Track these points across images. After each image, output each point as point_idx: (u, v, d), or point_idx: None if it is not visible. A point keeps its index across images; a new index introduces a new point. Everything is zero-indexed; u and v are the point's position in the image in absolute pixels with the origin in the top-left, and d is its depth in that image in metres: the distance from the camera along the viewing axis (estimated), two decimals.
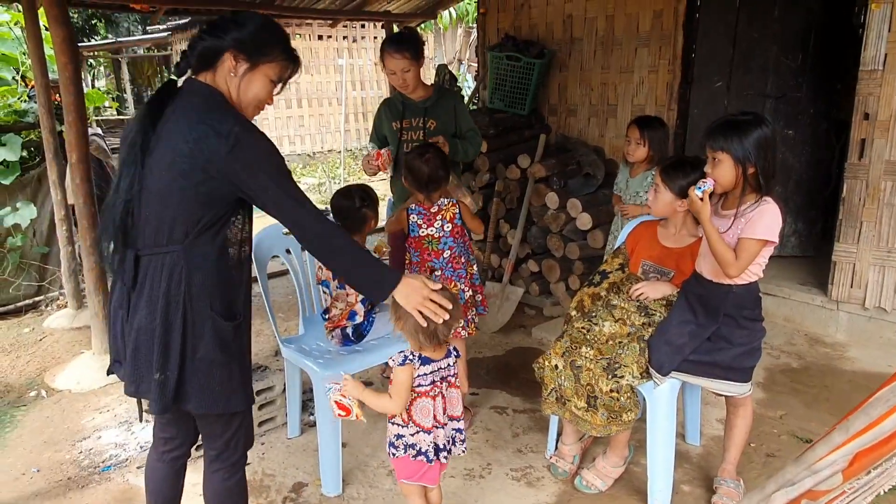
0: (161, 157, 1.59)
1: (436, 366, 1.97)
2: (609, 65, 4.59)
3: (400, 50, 2.90)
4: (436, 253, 2.75)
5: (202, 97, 1.64)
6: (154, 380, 1.59)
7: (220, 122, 1.57)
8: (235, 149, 1.55)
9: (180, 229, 1.59)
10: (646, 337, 2.38)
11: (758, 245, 2.11)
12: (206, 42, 1.66)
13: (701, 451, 2.78)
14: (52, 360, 3.85)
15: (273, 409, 2.99)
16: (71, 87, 3.40)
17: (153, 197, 1.60)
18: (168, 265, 1.60)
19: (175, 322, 1.59)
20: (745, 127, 2.09)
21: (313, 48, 10.76)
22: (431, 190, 2.68)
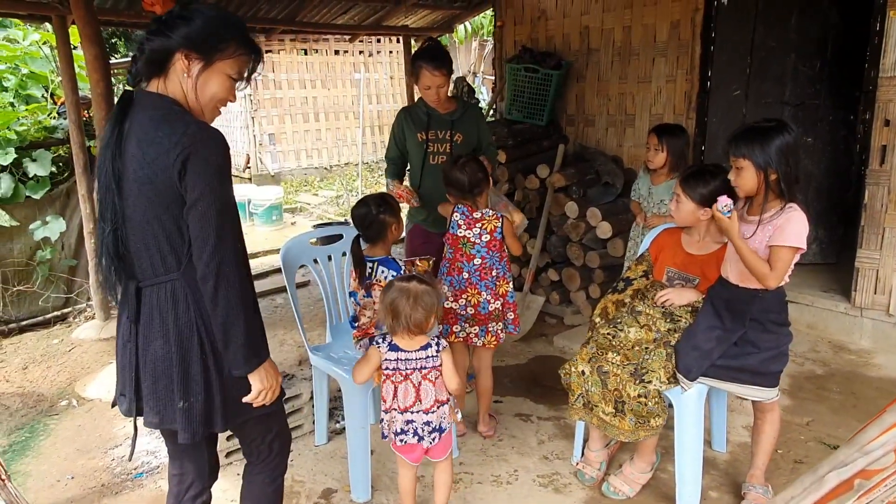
0: (130, 185, 1.50)
1: (404, 355, 2.16)
2: (626, 75, 4.63)
3: (439, 67, 2.97)
4: (468, 256, 2.79)
5: (154, 111, 1.51)
6: (179, 409, 1.55)
7: (170, 136, 1.46)
8: (188, 160, 1.45)
9: (172, 257, 1.53)
10: (672, 343, 2.40)
11: (791, 252, 2.13)
12: (153, 43, 1.52)
13: (728, 458, 2.78)
14: (81, 371, 3.92)
15: (300, 416, 3.03)
16: (103, 102, 3.50)
17: (136, 227, 1.52)
18: (171, 293, 1.55)
19: (192, 348, 1.55)
20: (767, 133, 2.12)
21: (330, 63, 10.91)
22: (476, 195, 2.74)
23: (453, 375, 2.21)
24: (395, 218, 2.63)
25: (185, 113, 1.55)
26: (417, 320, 2.11)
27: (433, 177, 3.08)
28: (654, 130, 3.20)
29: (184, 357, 1.55)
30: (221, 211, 1.49)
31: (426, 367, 2.18)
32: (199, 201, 1.46)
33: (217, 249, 1.47)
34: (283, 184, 10.22)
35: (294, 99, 10.60)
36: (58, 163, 4.80)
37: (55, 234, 4.62)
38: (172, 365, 1.55)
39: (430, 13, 6.05)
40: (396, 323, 2.12)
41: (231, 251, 1.50)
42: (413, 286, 2.14)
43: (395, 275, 2.57)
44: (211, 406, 1.58)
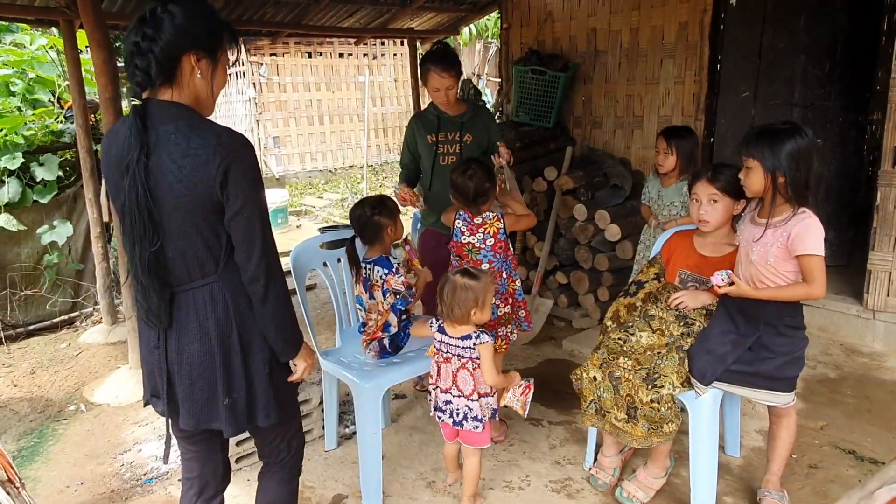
0: (165, 198, 1.49)
1: (446, 339, 2.31)
2: (634, 76, 4.61)
3: (447, 69, 2.98)
4: (475, 262, 2.77)
5: (178, 122, 1.50)
6: (224, 406, 1.60)
7: (205, 147, 1.47)
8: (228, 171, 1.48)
9: (210, 261, 1.57)
10: (685, 347, 2.38)
11: (819, 258, 2.11)
12: (159, 46, 1.48)
13: (741, 463, 2.76)
14: (89, 375, 3.91)
15: (310, 421, 3.01)
16: (110, 107, 3.48)
17: (171, 238, 1.53)
18: (209, 297, 1.58)
19: (233, 346, 1.60)
20: (779, 136, 2.10)
21: (335, 66, 10.92)
22: (479, 204, 2.73)
23: (490, 370, 2.28)
24: (391, 219, 2.61)
25: (207, 120, 1.56)
26: (455, 312, 2.26)
27: (443, 178, 3.07)
28: (663, 134, 3.19)
29: (226, 355, 1.59)
30: (262, 215, 1.56)
31: (464, 356, 2.29)
32: (243, 209, 1.51)
33: (264, 252, 1.55)
34: (288, 187, 10.22)
35: (298, 102, 10.61)
36: (65, 167, 4.79)
37: (62, 239, 4.61)
38: (214, 364, 1.58)
39: (436, 16, 6.05)
40: (440, 310, 2.30)
41: (274, 251, 1.59)
42: (457, 279, 2.26)
43: (386, 273, 2.57)
44: (253, 401, 1.64)
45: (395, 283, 2.56)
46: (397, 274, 2.57)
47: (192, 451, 1.83)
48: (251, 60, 9.92)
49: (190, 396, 1.60)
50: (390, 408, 3.25)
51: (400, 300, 2.64)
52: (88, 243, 4.69)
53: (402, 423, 3.18)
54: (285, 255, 3.24)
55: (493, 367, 2.29)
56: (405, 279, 2.60)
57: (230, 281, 1.58)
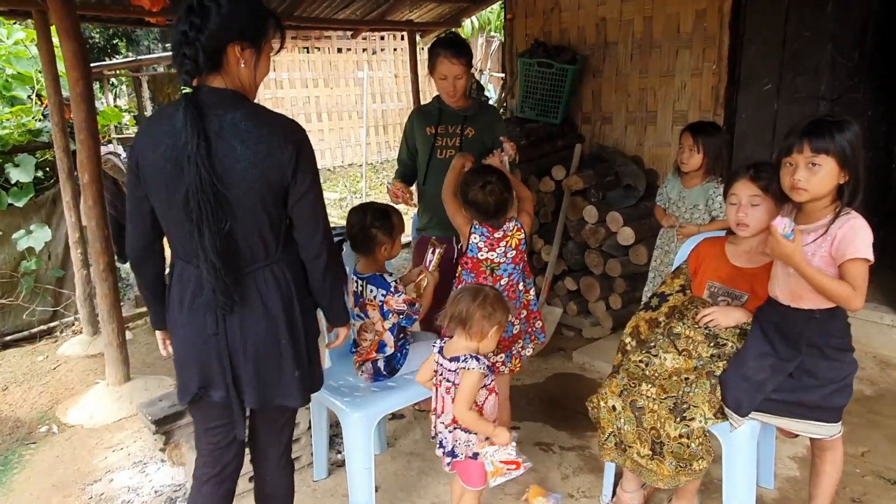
0: (235, 183, 1.55)
1: (440, 359, 2.05)
2: (647, 69, 4.32)
3: (459, 56, 2.75)
4: (493, 279, 2.48)
5: (242, 109, 1.57)
6: (294, 377, 1.71)
7: (276, 134, 1.57)
8: (299, 156, 1.59)
9: (272, 242, 1.65)
10: (716, 372, 2.10)
11: (865, 265, 1.83)
12: (205, 35, 1.54)
13: (776, 496, 2.48)
14: (65, 392, 3.65)
15: (298, 448, 2.73)
16: (82, 103, 3.21)
17: (240, 222, 1.59)
18: (272, 278, 1.66)
19: (297, 321, 1.70)
20: (843, 127, 1.81)
21: (333, 61, 10.64)
22: (499, 217, 2.42)
23: (462, 399, 1.96)
24: (389, 237, 2.35)
25: (266, 108, 1.66)
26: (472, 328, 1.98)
27: (439, 173, 2.79)
28: (689, 129, 2.91)
29: (293, 331, 1.69)
30: (321, 197, 1.68)
31: (449, 379, 2.02)
32: (309, 191, 1.62)
33: (326, 231, 1.68)
34: None
35: (296, 99, 10.33)
36: (43, 168, 4.53)
37: (40, 244, 4.35)
38: (280, 341, 1.67)
39: (437, 6, 5.76)
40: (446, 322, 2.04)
41: (331, 231, 1.72)
42: (489, 292, 2.04)
43: (385, 294, 2.30)
44: (313, 373, 1.78)
45: (397, 303, 2.29)
46: (397, 293, 2.29)
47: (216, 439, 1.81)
48: None
49: (257, 376, 1.68)
50: (386, 429, 2.98)
51: (403, 319, 2.37)
52: (69, 249, 4.42)
53: (398, 447, 2.91)
54: None
55: (468, 399, 1.97)
56: (406, 296, 2.32)
57: (289, 260, 1.69)
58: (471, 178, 2.42)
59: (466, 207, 2.44)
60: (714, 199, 2.91)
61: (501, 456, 2.00)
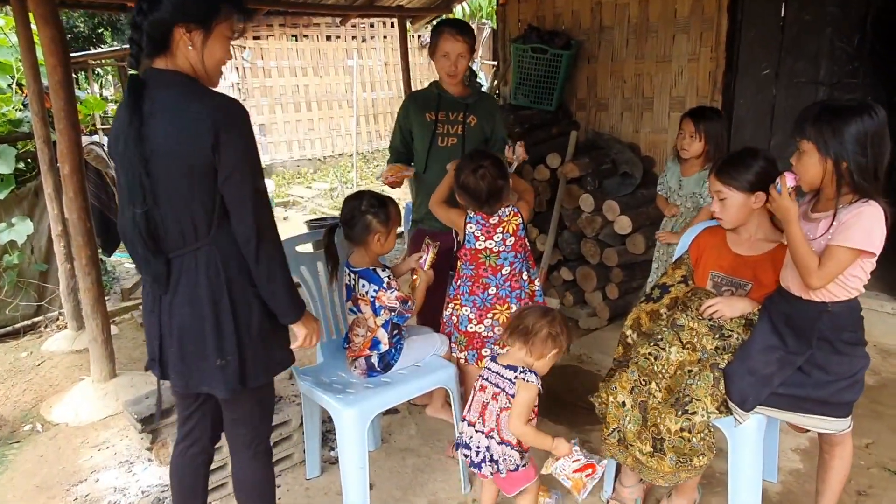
0: (161, 162, 1.54)
1: (493, 366, 2.02)
2: (643, 54, 4.24)
3: (462, 32, 2.69)
4: (493, 269, 2.40)
5: (176, 87, 1.56)
6: (217, 366, 1.64)
7: (200, 112, 1.52)
8: (220, 135, 1.51)
9: (203, 224, 1.59)
10: (721, 365, 2.03)
11: (850, 255, 1.76)
12: (149, 20, 1.53)
13: (780, 489, 2.43)
14: (49, 389, 3.55)
15: (289, 445, 2.66)
16: (61, 91, 3.09)
17: (167, 203, 1.57)
18: (202, 261, 1.61)
19: (224, 309, 1.62)
20: (842, 115, 1.73)
21: (322, 49, 10.47)
22: (493, 204, 2.34)
23: (518, 414, 1.93)
24: (385, 227, 2.26)
25: (205, 87, 1.61)
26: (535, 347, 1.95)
27: (441, 161, 2.71)
28: (690, 115, 2.83)
29: (218, 318, 1.62)
30: (255, 179, 1.59)
31: (499, 385, 1.98)
32: (234, 172, 1.55)
33: (257, 215, 1.58)
34: (275, 176, 9.82)
35: (285, 87, 10.17)
36: (25, 159, 4.40)
37: (22, 237, 4.23)
38: (205, 328, 1.62)
39: None
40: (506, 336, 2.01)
41: (267, 212, 1.62)
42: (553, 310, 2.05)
43: (377, 290, 2.22)
44: (244, 363, 1.67)
45: (389, 299, 2.21)
46: (389, 289, 2.21)
47: (186, 409, 1.89)
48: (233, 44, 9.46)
49: (181, 360, 1.67)
50: (380, 425, 2.90)
51: (395, 317, 2.29)
52: (52, 242, 4.30)
53: (393, 443, 2.84)
54: None
55: (525, 412, 1.94)
56: (399, 293, 2.24)
57: (223, 245, 1.62)
58: (463, 163, 2.35)
59: (459, 193, 2.36)
60: (705, 187, 2.85)
61: (573, 466, 1.93)
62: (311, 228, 6.26)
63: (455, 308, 2.48)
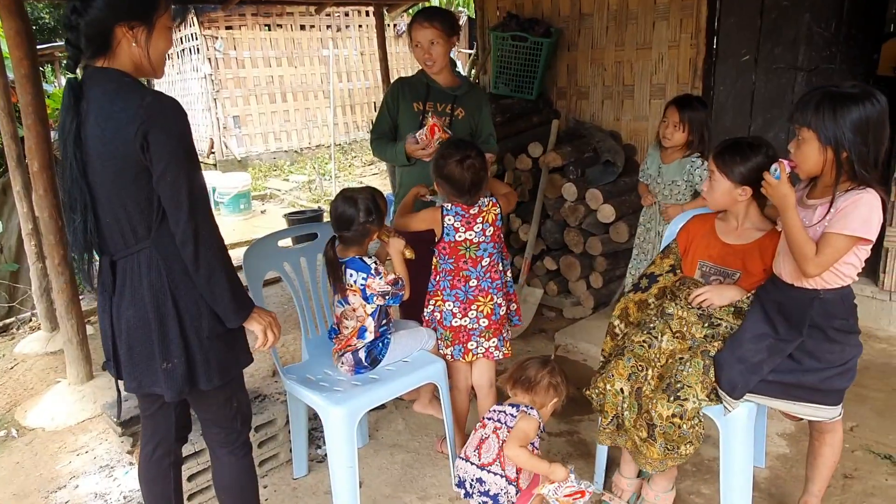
0: (95, 165, 1.52)
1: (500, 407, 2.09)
2: (623, 41, 4.22)
3: (430, 18, 2.62)
4: (473, 261, 2.36)
5: (107, 85, 1.51)
6: (162, 370, 1.61)
7: (127, 110, 1.47)
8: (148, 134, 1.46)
9: (142, 226, 1.56)
10: (711, 353, 2.03)
11: (847, 242, 1.76)
12: (85, 20, 1.49)
13: (767, 475, 2.45)
14: (24, 393, 3.45)
15: (275, 444, 2.62)
16: (28, 85, 2.98)
17: (105, 204, 1.56)
18: (144, 262, 1.58)
19: (168, 312, 1.59)
20: (843, 102, 1.71)
21: (296, 39, 10.30)
22: (474, 194, 2.31)
23: (515, 437, 1.97)
24: (380, 226, 2.26)
25: (138, 84, 1.55)
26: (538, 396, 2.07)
27: None
28: (676, 104, 2.81)
29: (161, 321, 1.59)
30: (189, 177, 1.52)
31: (500, 421, 2.03)
32: (166, 171, 1.49)
33: (192, 213, 1.52)
34: (251, 169, 9.67)
35: (259, 78, 10.00)
36: None
37: None
38: (150, 330, 1.59)
39: None
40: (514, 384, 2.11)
41: (205, 213, 1.55)
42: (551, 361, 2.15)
43: (366, 277, 2.19)
44: (193, 366, 1.63)
45: (379, 285, 2.18)
46: (377, 275, 2.17)
47: (147, 409, 1.86)
48: (205, 34, 9.26)
49: (130, 361, 1.64)
50: (368, 421, 2.87)
51: (390, 299, 2.25)
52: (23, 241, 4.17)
53: (381, 439, 2.81)
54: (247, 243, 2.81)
55: (521, 438, 1.96)
56: (388, 278, 2.20)
57: (164, 246, 1.58)
58: (448, 152, 2.29)
59: (439, 182, 2.32)
60: (693, 173, 2.84)
61: (565, 491, 1.93)
62: (290, 221, 6.17)
63: (437, 304, 2.44)
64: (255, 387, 2.97)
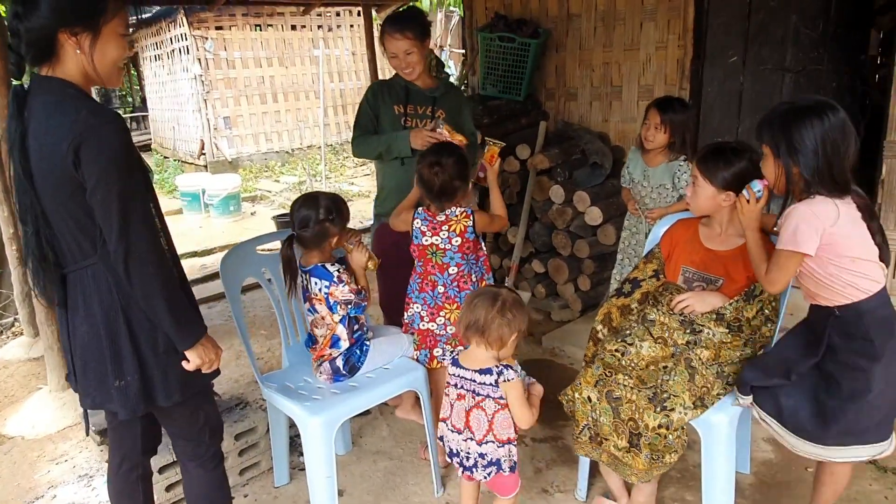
0: (37, 178, 1.47)
1: (461, 372, 1.92)
2: (611, 42, 4.19)
3: (401, 29, 2.55)
4: (440, 267, 2.34)
5: (48, 96, 1.45)
6: (115, 387, 1.56)
7: (61, 126, 1.41)
8: (80, 149, 1.40)
9: (87, 242, 1.51)
10: (693, 362, 2.01)
11: (785, 256, 1.73)
12: (26, 25, 1.42)
13: (752, 481, 2.42)
14: (4, 400, 3.40)
15: (256, 453, 2.58)
16: (2, 86, 2.94)
17: (51, 218, 1.51)
18: (92, 277, 1.53)
19: (119, 329, 1.54)
20: (797, 117, 1.71)
21: (286, 39, 10.24)
22: (443, 201, 2.29)
23: (523, 413, 1.88)
24: (341, 228, 2.21)
25: (78, 97, 1.47)
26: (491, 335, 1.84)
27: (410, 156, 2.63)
28: (656, 106, 2.79)
29: (113, 338, 1.54)
30: (122, 195, 1.44)
31: (480, 393, 1.90)
32: (96, 189, 1.43)
33: (123, 233, 1.45)
34: (242, 170, 9.61)
35: (249, 79, 9.94)
36: None
37: None
38: (102, 347, 1.55)
39: None
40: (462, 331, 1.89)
41: (140, 232, 1.48)
42: (506, 295, 1.88)
43: (329, 285, 2.15)
44: (149, 382, 1.58)
45: (342, 293, 2.15)
46: (340, 283, 2.15)
47: (112, 424, 1.82)
48: (195, 35, 9.20)
49: (84, 377, 1.60)
50: (350, 427, 2.83)
51: (353, 309, 2.22)
52: (2, 245, 4.12)
53: (363, 446, 2.78)
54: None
55: (526, 408, 1.88)
56: (351, 286, 2.17)
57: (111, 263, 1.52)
58: (427, 153, 2.32)
59: (416, 180, 2.34)
60: (680, 178, 2.82)
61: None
62: (279, 224, 6.13)
63: (409, 305, 2.44)
64: (238, 393, 2.94)
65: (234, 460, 2.50)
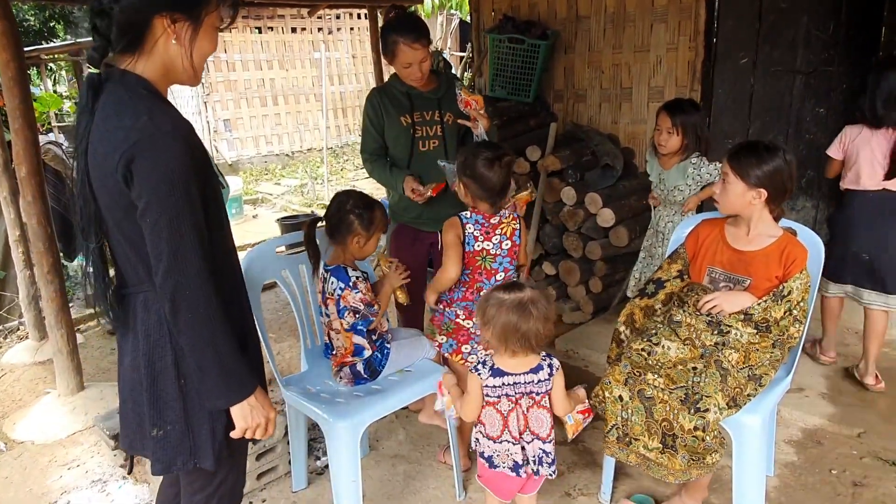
0: (96, 189, 1.30)
1: (511, 379, 1.80)
2: (621, 44, 4.18)
3: (418, 38, 2.48)
4: (488, 273, 2.27)
5: (118, 95, 1.27)
6: (152, 437, 1.36)
7: (117, 132, 1.24)
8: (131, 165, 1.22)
9: (141, 266, 1.33)
10: (724, 363, 1.99)
11: None
12: (121, 4, 1.25)
13: (777, 483, 2.40)
14: (12, 404, 3.35)
15: (274, 456, 2.54)
16: (15, 88, 2.91)
17: (112, 234, 1.35)
18: (142, 306, 1.36)
19: (165, 368, 1.35)
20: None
21: (287, 42, 10.23)
22: (500, 198, 2.21)
23: (564, 400, 1.87)
24: (367, 231, 2.17)
25: (149, 98, 1.29)
26: (534, 342, 1.77)
27: (424, 166, 2.61)
28: (667, 109, 2.78)
29: (155, 378, 1.35)
30: (174, 221, 1.24)
31: (537, 391, 1.83)
32: (147, 211, 1.24)
33: (171, 269, 1.24)
34: (242, 173, 9.58)
35: (250, 81, 9.91)
36: None
37: None
38: (142, 387, 1.36)
39: None
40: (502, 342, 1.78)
41: (192, 267, 1.26)
42: (527, 297, 1.76)
43: (343, 288, 2.12)
44: (192, 436, 1.37)
45: (353, 299, 2.12)
46: (354, 289, 2.11)
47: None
48: None
49: (123, 416, 1.45)
50: (368, 430, 2.79)
51: (360, 321, 2.18)
52: (9, 248, 4.07)
53: (381, 450, 2.74)
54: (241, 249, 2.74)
55: (564, 393, 1.89)
56: (364, 296, 2.13)
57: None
58: (479, 151, 2.17)
59: (467, 182, 2.18)
60: (700, 171, 2.81)
61: (578, 408, 1.97)
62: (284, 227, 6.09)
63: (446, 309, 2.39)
64: None
65: (252, 465, 2.46)
